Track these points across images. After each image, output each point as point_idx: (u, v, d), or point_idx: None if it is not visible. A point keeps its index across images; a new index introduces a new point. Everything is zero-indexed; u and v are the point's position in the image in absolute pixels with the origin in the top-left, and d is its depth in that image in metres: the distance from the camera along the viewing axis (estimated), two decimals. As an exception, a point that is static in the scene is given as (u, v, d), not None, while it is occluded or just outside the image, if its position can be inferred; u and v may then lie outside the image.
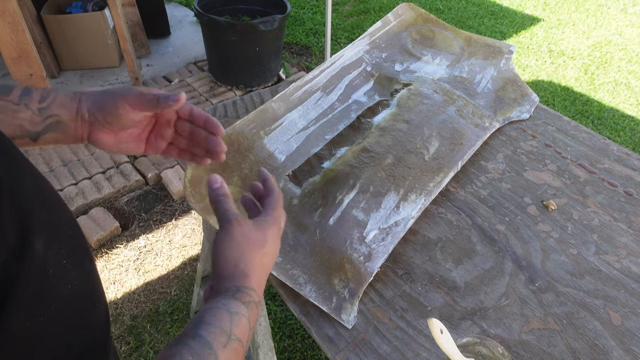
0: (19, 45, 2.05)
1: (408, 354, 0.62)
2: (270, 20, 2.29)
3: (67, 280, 0.39)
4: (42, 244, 0.35)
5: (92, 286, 0.44)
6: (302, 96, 0.92)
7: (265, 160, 0.81)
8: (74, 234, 0.43)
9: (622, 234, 0.79)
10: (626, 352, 0.63)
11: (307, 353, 1.48)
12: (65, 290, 0.39)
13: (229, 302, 0.43)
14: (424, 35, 1.15)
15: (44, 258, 0.36)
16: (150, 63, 2.75)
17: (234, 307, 0.43)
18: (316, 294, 0.67)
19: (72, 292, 0.40)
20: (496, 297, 0.69)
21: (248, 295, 0.45)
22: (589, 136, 1.00)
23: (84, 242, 0.45)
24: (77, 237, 0.43)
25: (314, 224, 0.74)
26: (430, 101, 0.96)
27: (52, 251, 0.37)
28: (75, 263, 0.41)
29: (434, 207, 0.82)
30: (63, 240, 0.40)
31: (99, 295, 0.46)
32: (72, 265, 0.40)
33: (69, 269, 0.39)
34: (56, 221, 0.40)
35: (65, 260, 0.39)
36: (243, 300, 0.44)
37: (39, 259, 0.35)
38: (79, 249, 0.43)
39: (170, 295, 1.62)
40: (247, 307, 0.44)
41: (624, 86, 2.90)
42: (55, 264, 0.37)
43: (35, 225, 0.35)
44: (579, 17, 3.71)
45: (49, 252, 0.36)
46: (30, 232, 0.34)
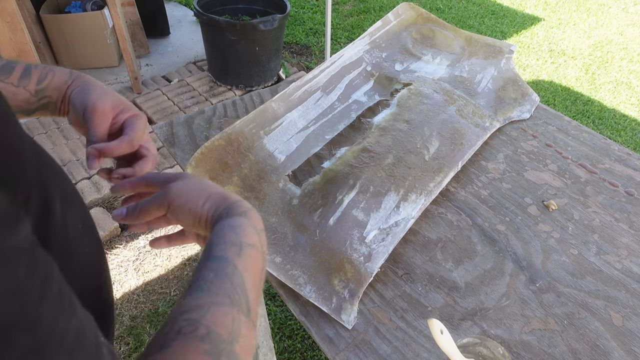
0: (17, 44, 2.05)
1: (408, 355, 0.62)
2: (270, 20, 2.29)
3: (84, 244, 0.40)
4: (60, 207, 0.36)
5: (100, 256, 0.45)
6: (302, 96, 0.92)
7: (265, 160, 0.81)
8: (80, 202, 0.44)
9: (623, 234, 0.79)
10: (627, 352, 0.63)
11: (307, 354, 1.47)
12: (83, 253, 0.40)
13: (225, 221, 0.43)
14: (424, 34, 1.15)
15: (63, 221, 0.37)
16: (149, 63, 2.75)
17: (234, 221, 0.43)
18: (316, 294, 0.67)
19: (88, 256, 0.41)
20: (497, 297, 0.69)
21: (240, 207, 0.45)
22: (589, 136, 0.99)
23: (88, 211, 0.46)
24: (83, 206, 0.45)
25: (314, 224, 0.74)
26: (430, 101, 0.96)
27: (69, 216, 0.38)
28: (88, 229, 0.42)
29: (434, 207, 0.82)
30: (75, 206, 0.41)
31: (106, 272, 0.46)
32: (86, 229, 0.41)
33: (83, 233, 0.41)
34: (69, 188, 0.41)
35: (80, 224, 0.40)
36: (239, 212, 0.44)
37: (59, 221, 0.36)
38: (87, 216, 0.44)
39: (170, 295, 1.61)
40: (245, 217, 0.44)
41: (625, 86, 2.89)
42: (73, 228, 0.39)
43: (52, 190, 0.36)
44: (580, 16, 3.70)
45: (67, 216, 0.37)
46: (51, 196, 0.35)
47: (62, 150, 2.07)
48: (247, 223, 0.43)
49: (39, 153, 0.38)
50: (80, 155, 2.06)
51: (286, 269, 0.68)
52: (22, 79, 0.53)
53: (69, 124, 0.58)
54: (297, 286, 0.67)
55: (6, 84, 0.52)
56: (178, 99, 2.43)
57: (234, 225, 0.42)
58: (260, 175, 0.79)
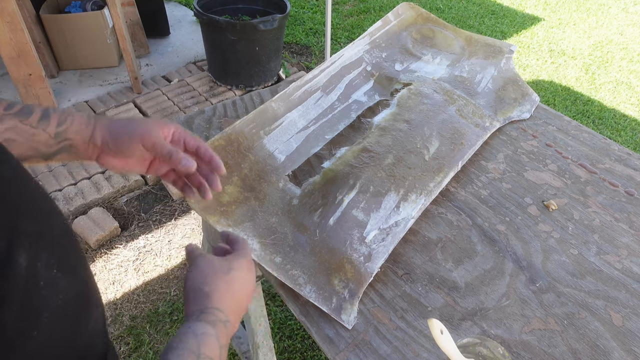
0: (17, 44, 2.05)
1: (408, 355, 0.62)
2: (270, 20, 2.29)
3: (59, 290, 0.39)
4: (26, 257, 0.35)
5: (87, 293, 0.44)
6: (302, 96, 0.92)
7: (265, 160, 0.81)
8: (67, 240, 0.42)
9: (623, 234, 0.79)
10: (627, 352, 0.63)
11: (307, 354, 1.47)
12: (57, 300, 0.38)
13: (194, 324, 0.45)
14: (424, 34, 1.15)
15: (31, 270, 0.35)
16: (149, 63, 2.75)
17: (199, 328, 0.44)
18: (316, 294, 0.67)
19: (65, 302, 0.39)
20: (497, 297, 0.69)
21: (213, 315, 0.46)
22: (589, 136, 0.99)
23: (77, 248, 0.44)
24: (70, 243, 0.43)
25: (314, 224, 0.74)
26: (430, 101, 0.96)
27: (42, 262, 0.37)
28: (68, 271, 0.40)
29: (434, 207, 0.82)
30: (54, 249, 0.39)
31: (95, 302, 0.45)
32: (64, 273, 0.40)
33: (60, 278, 0.39)
34: (47, 229, 0.39)
35: (56, 269, 0.38)
36: (208, 320, 0.45)
37: (23, 273, 0.34)
38: (72, 256, 0.43)
39: (170, 295, 1.61)
40: (213, 326, 0.45)
41: (625, 86, 2.89)
42: (45, 275, 0.37)
43: (21, 238, 0.34)
44: (580, 16, 3.70)
45: (37, 263, 0.36)
46: (14, 246, 0.33)
47: (62, 150, 2.07)
48: (212, 333, 0.44)
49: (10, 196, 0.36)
50: (80, 155, 2.06)
51: (286, 269, 0.68)
52: (41, 122, 0.53)
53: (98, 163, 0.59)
54: (297, 286, 0.67)
55: (25, 125, 0.52)
56: (178, 99, 2.43)
57: (198, 332, 0.44)
58: (260, 175, 0.79)
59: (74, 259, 0.43)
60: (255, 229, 0.71)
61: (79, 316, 0.43)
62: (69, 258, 0.42)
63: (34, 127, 0.52)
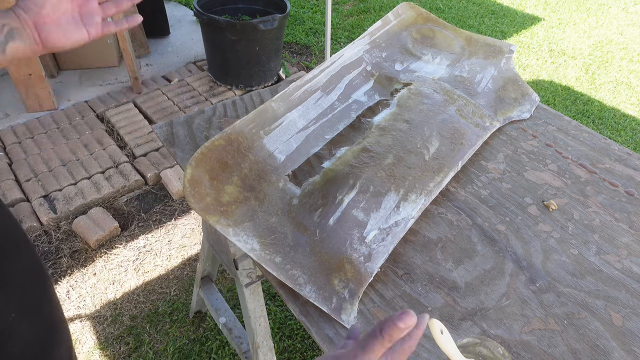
0: (18, 44, 2.04)
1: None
2: (270, 20, 2.29)
3: (16, 335, 0.37)
4: None
5: (49, 333, 0.42)
6: (302, 96, 0.91)
7: (265, 160, 0.81)
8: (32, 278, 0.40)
9: (623, 234, 0.79)
10: (627, 352, 0.63)
11: (307, 353, 1.47)
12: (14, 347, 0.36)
13: None
14: (424, 34, 1.15)
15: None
16: (149, 63, 2.75)
17: None
18: (316, 294, 0.67)
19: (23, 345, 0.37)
20: (497, 297, 0.69)
21: None
22: (589, 136, 0.99)
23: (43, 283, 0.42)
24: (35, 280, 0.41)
25: (314, 224, 0.74)
26: (430, 101, 0.96)
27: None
28: (29, 312, 0.39)
29: (434, 207, 0.82)
30: (15, 290, 0.38)
31: (60, 339, 0.43)
32: (24, 315, 0.38)
33: (18, 321, 0.37)
34: (8, 269, 0.38)
35: (14, 312, 0.37)
36: None
37: None
38: (35, 294, 0.41)
39: (170, 295, 1.61)
40: None
41: (625, 86, 2.89)
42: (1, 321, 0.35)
43: None
44: (580, 16, 3.70)
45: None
46: None
47: (62, 150, 2.07)
48: None
49: None
50: (80, 155, 2.06)
51: (286, 269, 0.68)
52: None
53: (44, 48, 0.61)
54: (297, 286, 0.67)
55: None
56: (178, 99, 2.43)
57: None
58: (260, 175, 0.79)
59: (38, 297, 0.41)
60: (255, 229, 0.71)
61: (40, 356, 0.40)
62: (32, 297, 0.40)
63: None
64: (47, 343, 0.42)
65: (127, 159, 2.07)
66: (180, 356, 1.44)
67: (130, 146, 2.14)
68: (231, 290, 1.65)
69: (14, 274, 0.39)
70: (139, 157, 2.09)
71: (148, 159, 2.08)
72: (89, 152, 2.08)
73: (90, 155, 2.07)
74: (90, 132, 2.18)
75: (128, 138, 2.17)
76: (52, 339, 0.43)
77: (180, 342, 1.48)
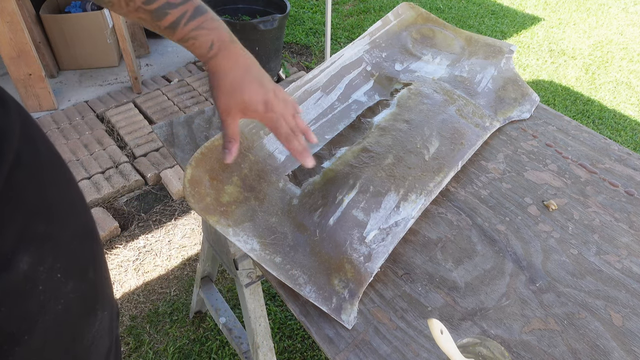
0: (17, 44, 2.05)
1: (408, 355, 0.62)
2: (270, 20, 2.29)
3: (60, 294, 0.38)
4: (28, 261, 0.34)
5: (94, 296, 0.43)
6: (302, 96, 0.91)
7: (265, 160, 0.81)
8: (79, 244, 0.41)
9: (623, 234, 0.79)
10: (627, 352, 0.63)
11: (307, 353, 1.47)
12: (57, 305, 0.38)
13: None
14: (424, 34, 1.15)
15: (31, 274, 0.35)
16: (149, 63, 2.75)
17: None
18: (316, 294, 0.67)
19: (66, 307, 0.39)
20: (496, 297, 0.69)
21: None
22: (589, 136, 0.99)
23: (92, 250, 0.43)
24: (83, 247, 0.42)
25: (314, 224, 0.74)
26: (430, 101, 0.96)
27: (45, 266, 0.36)
28: (74, 274, 0.40)
29: (434, 207, 0.82)
30: (61, 253, 0.39)
31: (103, 303, 0.44)
32: (69, 277, 0.39)
33: (64, 282, 0.38)
34: (58, 232, 0.39)
35: (60, 273, 0.38)
36: None
37: (20, 277, 0.34)
38: (84, 258, 0.42)
39: (170, 295, 1.61)
40: None
41: (625, 86, 2.89)
42: (46, 279, 0.36)
43: (25, 241, 0.34)
44: (580, 16, 3.70)
45: (40, 267, 0.36)
46: (18, 248, 0.33)
47: (62, 150, 2.06)
48: None
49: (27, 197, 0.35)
50: (80, 155, 2.06)
51: (286, 269, 0.68)
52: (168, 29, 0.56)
53: None
54: (297, 286, 0.67)
55: (154, 24, 0.54)
56: (178, 99, 2.43)
57: None
58: (260, 175, 0.79)
59: (86, 260, 0.42)
60: (255, 229, 0.71)
61: (82, 321, 0.42)
62: (80, 260, 0.41)
63: (161, 29, 0.55)
64: (91, 305, 0.43)
65: (127, 159, 2.07)
66: (180, 356, 1.44)
67: (130, 146, 2.14)
68: (231, 290, 1.65)
69: (64, 237, 0.40)
70: (139, 157, 2.09)
71: (148, 159, 2.08)
72: (89, 152, 2.08)
73: (90, 155, 2.07)
74: (90, 132, 2.18)
75: (128, 138, 2.17)
76: (95, 302, 0.44)
77: (180, 342, 1.48)
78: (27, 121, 0.40)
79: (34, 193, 0.36)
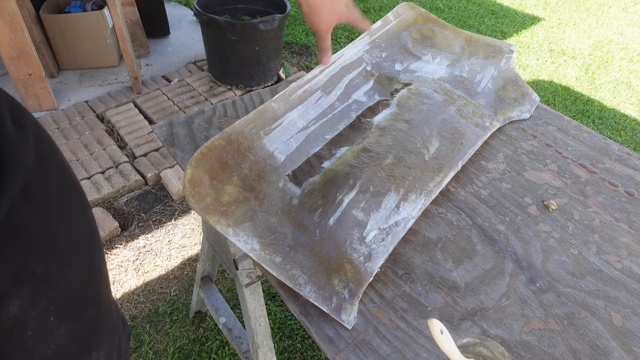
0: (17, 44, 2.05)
1: (408, 355, 0.62)
2: (270, 20, 2.29)
3: (51, 339, 0.36)
4: (19, 304, 0.32)
5: (89, 337, 0.40)
6: (302, 96, 0.92)
7: (265, 160, 0.81)
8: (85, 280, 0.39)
9: (624, 234, 0.79)
10: (627, 352, 0.63)
11: (307, 353, 1.47)
12: (46, 350, 0.35)
13: None
14: (424, 34, 1.15)
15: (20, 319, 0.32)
16: (149, 63, 2.75)
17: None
18: (316, 294, 0.67)
19: (55, 350, 0.36)
20: (496, 297, 0.69)
21: None
22: (589, 136, 0.99)
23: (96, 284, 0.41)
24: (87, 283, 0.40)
25: (314, 224, 0.74)
26: (430, 101, 0.96)
27: (37, 310, 0.34)
28: (70, 316, 0.37)
29: (434, 207, 0.82)
30: (58, 294, 0.36)
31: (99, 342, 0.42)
32: (63, 319, 0.37)
33: (56, 325, 0.36)
34: (59, 272, 0.36)
35: (53, 316, 0.35)
36: None
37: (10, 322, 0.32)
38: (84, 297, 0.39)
39: (170, 295, 1.61)
40: None
41: (625, 86, 2.89)
42: (37, 324, 0.34)
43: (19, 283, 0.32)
44: (580, 16, 3.70)
45: (30, 311, 0.33)
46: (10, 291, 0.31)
47: (62, 150, 2.06)
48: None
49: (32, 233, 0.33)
50: (80, 155, 2.06)
51: (286, 269, 0.68)
52: None
53: None
54: (297, 286, 0.67)
55: None
56: (178, 99, 2.43)
57: None
58: (260, 175, 0.79)
59: (84, 301, 0.40)
60: (255, 229, 0.71)
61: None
62: (78, 302, 0.39)
63: None
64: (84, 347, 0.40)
65: (127, 159, 2.07)
66: (180, 356, 1.44)
67: (130, 146, 2.14)
68: (231, 290, 1.65)
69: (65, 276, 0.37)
70: (139, 157, 2.09)
71: (148, 159, 2.08)
72: (89, 152, 2.08)
73: (90, 155, 2.07)
74: (90, 132, 2.18)
75: (128, 138, 2.17)
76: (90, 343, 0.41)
77: (180, 342, 1.48)
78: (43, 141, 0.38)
79: (39, 229, 0.34)
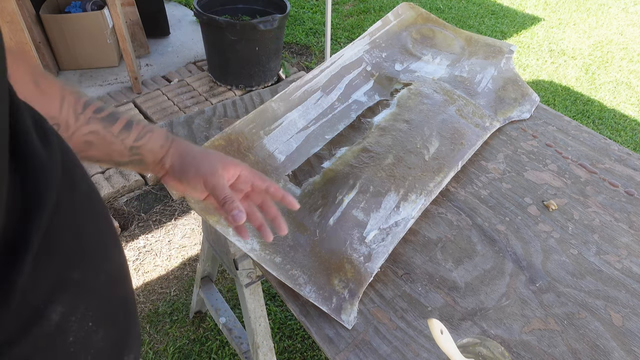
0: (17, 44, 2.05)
1: (408, 355, 0.62)
2: (270, 20, 2.29)
3: (90, 344, 0.36)
4: (61, 311, 0.33)
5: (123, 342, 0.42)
6: (302, 96, 0.91)
7: (265, 160, 0.81)
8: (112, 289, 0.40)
9: (623, 234, 0.79)
10: (627, 352, 0.63)
11: (307, 353, 1.47)
12: (87, 356, 0.36)
13: None
14: (424, 34, 1.15)
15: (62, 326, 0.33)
16: (149, 63, 2.75)
17: None
18: (316, 294, 0.67)
19: (94, 356, 0.37)
20: (496, 297, 0.69)
21: None
22: (589, 136, 0.99)
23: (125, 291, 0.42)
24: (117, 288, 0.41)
25: (314, 224, 0.74)
26: (430, 101, 0.96)
27: (77, 315, 0.34)
28: (105, 321, 0.38)
29: (434, 207, 0.82)
30: (93, 300, 0.37)
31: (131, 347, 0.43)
32: (100, 324, 0.37)
33: (94, 331, 0.37)
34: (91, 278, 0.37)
35: (91, 322, 0.36)
36: None
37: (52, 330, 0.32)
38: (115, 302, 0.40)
39: (170, 295, 1.61)
40: None
41: (624, 86, 2.89)
42: (77, 329, 0.35)
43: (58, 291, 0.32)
44: (580, 16, 3.70)
45: (71, 317, 0.34)
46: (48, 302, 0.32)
47: (62, 150, 2.06)
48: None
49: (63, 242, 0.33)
50: (80, 155, 2.06)
51: (286, 269, 0.68)
52: (121, 132, 0.54)
53: (161, 181, 0.62)
54: (297, 286, 0.67)
55: (107, 132, 0.53)
56: (178, 99, 2.43)
57: None
58: (260, 175, 0.79)
59: (116, 306, 0.41)
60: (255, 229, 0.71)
61: None
62: (111, 305, 0.40)
63: (114, 136, 0.54)
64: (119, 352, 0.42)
65: (127, 159, 2.07)
66: (180, 356, 1.44)
67: (130, 146, 2.14)
68: (231, 290, 1.65)
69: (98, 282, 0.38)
70: (139, 157, 2.09)
71: (148, 159, 2.08)
72: (89, 152, 2.08)
73: (90, 155, 2.07)
74: (90, 132, 2.18)
75: (128, 138, 2.17)
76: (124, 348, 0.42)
77: (180, 342, 1.48)
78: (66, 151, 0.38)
79: (71, 238, 0.35)
